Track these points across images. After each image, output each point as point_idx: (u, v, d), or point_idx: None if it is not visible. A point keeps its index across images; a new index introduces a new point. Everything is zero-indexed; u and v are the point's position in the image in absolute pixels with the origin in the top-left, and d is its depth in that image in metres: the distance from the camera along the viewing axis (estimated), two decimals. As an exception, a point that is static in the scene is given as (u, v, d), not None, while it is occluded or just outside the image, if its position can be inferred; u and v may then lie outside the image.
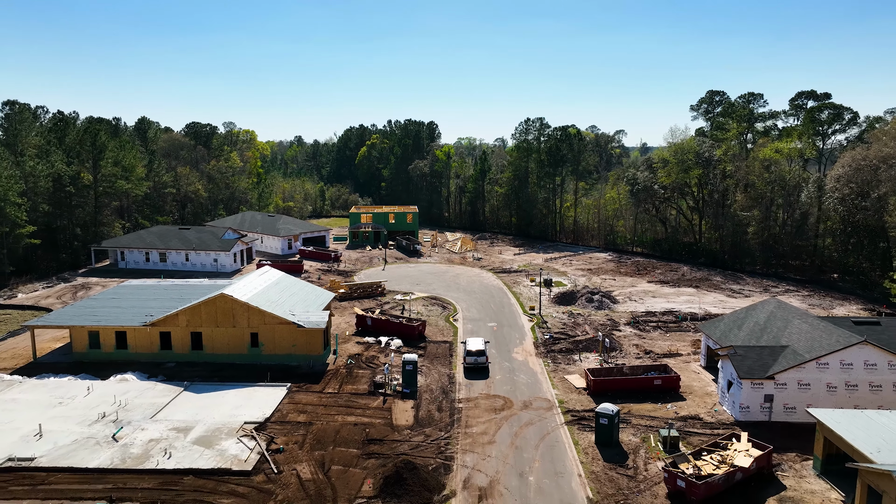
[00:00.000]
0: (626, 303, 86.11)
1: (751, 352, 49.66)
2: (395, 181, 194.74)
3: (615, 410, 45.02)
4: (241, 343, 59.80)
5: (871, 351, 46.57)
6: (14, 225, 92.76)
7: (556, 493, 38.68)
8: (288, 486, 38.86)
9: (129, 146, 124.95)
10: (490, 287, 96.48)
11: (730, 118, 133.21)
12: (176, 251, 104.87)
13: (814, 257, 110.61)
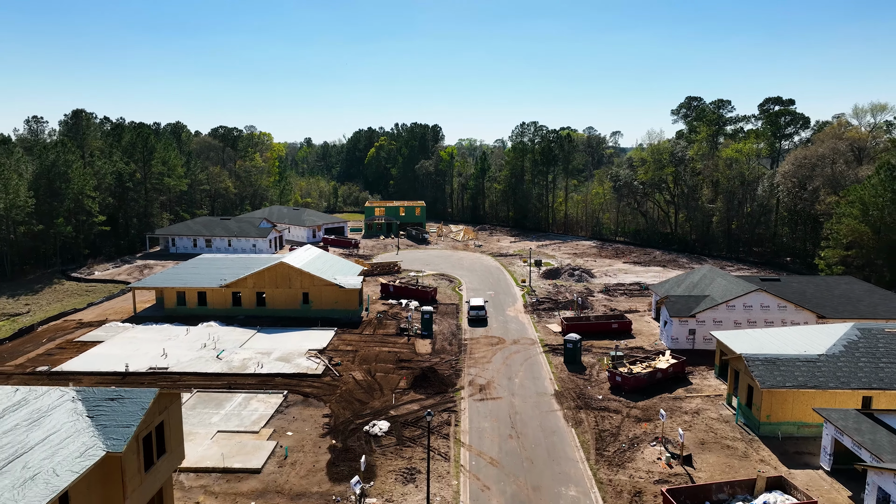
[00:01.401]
0: (601, 277, 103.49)
1: (681, 299, 67.01)
2: (402, 179, 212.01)
3: (578, 338, 62.37)
4: (295, 300, 77.12)
5: (765, 296, 63.84)
6: (89, 214, 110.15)
7: (533, 387, 55.98)
8: (347, 383, 56.15)
9: (171, 147, 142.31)
10: (489, 267, 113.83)
11: (701, 122, 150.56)
12: (219, 237, 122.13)
13: (771, 243, 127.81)
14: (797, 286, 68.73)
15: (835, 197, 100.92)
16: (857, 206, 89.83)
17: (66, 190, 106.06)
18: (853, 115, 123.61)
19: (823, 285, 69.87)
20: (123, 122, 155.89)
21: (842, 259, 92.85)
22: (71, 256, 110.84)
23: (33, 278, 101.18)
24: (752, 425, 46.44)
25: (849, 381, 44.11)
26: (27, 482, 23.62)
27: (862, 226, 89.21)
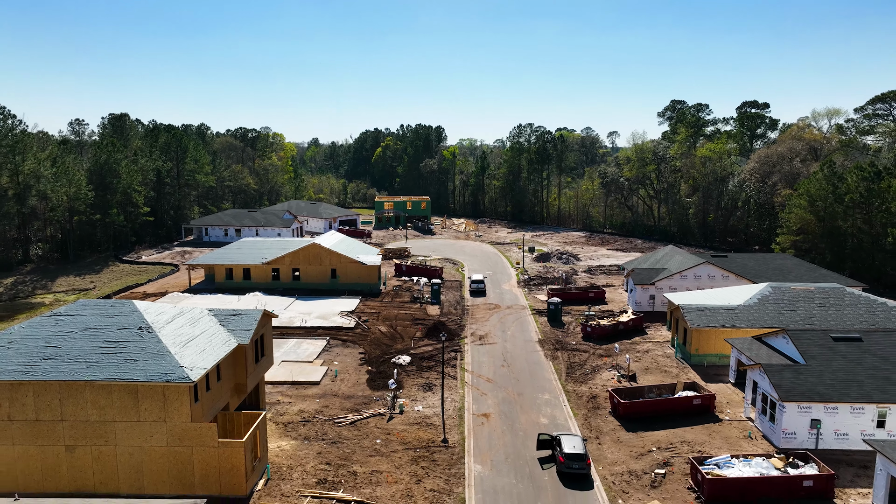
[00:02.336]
0: (586, 260, 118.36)
1: (644, 271, 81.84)
2: (407, 177, 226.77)
3: (559, 301, 77.24)
4: (325, 275, 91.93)
5: (712, 268, 78.60)
6: (135, 206, 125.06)
7: (521, 336, 70.83)
8: (374, 333, 70.98)
9: (200, 147, 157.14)
10: (488, 253, 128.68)
11: (681, 124, 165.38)
12: (248, 227, 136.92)
13: (743, 233, 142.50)
14: (741, 261, 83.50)
15: (789, 190, 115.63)
16: (805, 198, 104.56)
17: (116, 185, 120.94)
18: (812, 118, 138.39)
19: (762, 260, 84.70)
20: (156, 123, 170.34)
21: (793, 243, 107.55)
22: (120, 243, 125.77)
23: (91, 261, 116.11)
24: (686, 357, 61.23)
25: (755, 323, 58.81)
26: (202, 352, 38.51)
27: (808, 215, 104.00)
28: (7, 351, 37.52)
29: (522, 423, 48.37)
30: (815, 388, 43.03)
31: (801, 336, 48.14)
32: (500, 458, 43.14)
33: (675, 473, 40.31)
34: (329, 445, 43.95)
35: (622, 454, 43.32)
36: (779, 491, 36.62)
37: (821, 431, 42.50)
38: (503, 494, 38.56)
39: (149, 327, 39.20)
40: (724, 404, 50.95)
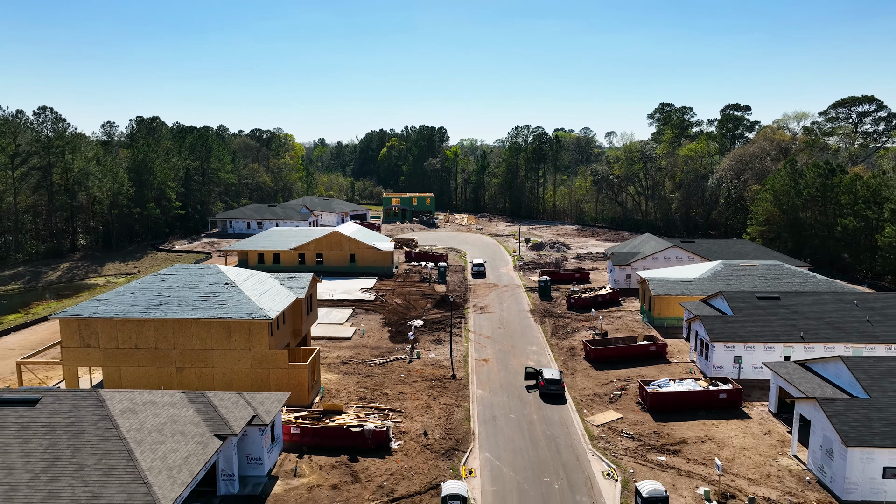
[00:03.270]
0: (576, 249, 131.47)
1: (622, 254, 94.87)
2: (412, 175, 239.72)
3: (549, 279, 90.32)
4: (344, 259, 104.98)
5: (679, 251, 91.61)
6: (169, 201, 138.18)
7: (516, 307, 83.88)
8: (391, 304, 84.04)
9: (222, 147, 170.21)
10: (488, 243, 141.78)
11: (666, 126, 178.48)
12: (268, 220, 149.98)
13: (723, 226, 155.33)
14: (706, 245, 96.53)
15: (758, 186, 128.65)
16: (771, 193, 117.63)
17: (151, 181, 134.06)
18: (784, 121, 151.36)
19: (724, 245, 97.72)
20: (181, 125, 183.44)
21: (760, 233, 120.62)
22: (155, 234, 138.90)
23: (131, 249, 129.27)
24: (650, 320, 74.27)
25: (706, 291, 71.70)
26: (273, 300, 51.64)
27: (773, 208, 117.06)
28: (131, 299, 50.67)
29: (514, 365, 61.42)
30: (738, 332, 56.07)
31: (734, 296, 61.22)
32: (496, 385, 56.23)
33: (629, 394, 53.32)
34: (364, 378, 57.04)
35: (590, 384, 56.40)
36: (701, 401, 49.60)
37: (741, 365, 55.52)
38: (498, 407, 51.61)
39: (232, 283, 52.34)
40: (675, 352, 63.99)
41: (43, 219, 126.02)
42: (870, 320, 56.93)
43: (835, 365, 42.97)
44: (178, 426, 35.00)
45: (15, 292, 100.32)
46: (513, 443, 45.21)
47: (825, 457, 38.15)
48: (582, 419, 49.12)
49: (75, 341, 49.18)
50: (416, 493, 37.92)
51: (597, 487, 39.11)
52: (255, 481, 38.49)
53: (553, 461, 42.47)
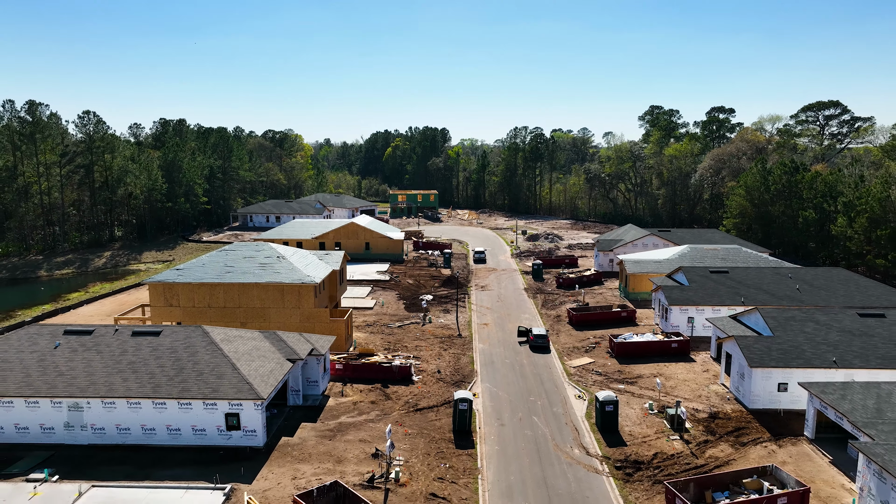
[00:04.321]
0: (567, 240, 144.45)
1: (606, 241, 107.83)
2: (416, 173, 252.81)
3: (541, 263, 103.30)
4: (360, 247, 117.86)
5: (656, 238, 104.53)
6: (196, 197, 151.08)
7: (512, 286, 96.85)
8: (404, 284, 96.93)
9: (241, 147, 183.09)
10: (488, 235, 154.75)
11: (654, 128, 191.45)
12: (286, 215, 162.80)
13: (706, 221, 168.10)
14: (680, 234, 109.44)
15: (733, 182, 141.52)
16: (743, 189, 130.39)
17: (181, 178, 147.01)
18: (759, 123, 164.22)
19: (696, 234, 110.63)
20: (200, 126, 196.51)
21: (734, 225, 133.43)
22: (184, 226, 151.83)
23: (164, 240, 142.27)
24: (626, 295, 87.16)
25: (669, 269, 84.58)
26: (316, 270, 64.58)
27: (745, 202, 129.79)
28: (203, 269, 63.61)
29: (509, 328, 74.32)
30: (691, 298, 68.96)
31: (690, 271, 74.15)
32: (495, 341, 69.17)
33: (601, 347, 66.18)
34: (387, 336, 69.96)
35: (571, 340, 69.33)
36: (657, 349, 62.45)
37: (693, 324, 68.37)
38: (496, 355, 64.52)
39: (283, 256, 65.31)
40: (643, 318, 76.87)
41: (84, 212, 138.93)
42: (799, 289, 69.81)
43: (754, 315, 55.83)
44: (260, 352, 47.90)
45: (70, 276, 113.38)
46: (507, 377, 58.13)
47: (739, 379, 51.06)
48: (562, 363, 62.06)
49: (161, 301, 62.14)
50: (433, 406, 50.81)
51: (569, 403, 52.04)
52: (314, 398, 51.39)
53: (537, 388, 55.38)
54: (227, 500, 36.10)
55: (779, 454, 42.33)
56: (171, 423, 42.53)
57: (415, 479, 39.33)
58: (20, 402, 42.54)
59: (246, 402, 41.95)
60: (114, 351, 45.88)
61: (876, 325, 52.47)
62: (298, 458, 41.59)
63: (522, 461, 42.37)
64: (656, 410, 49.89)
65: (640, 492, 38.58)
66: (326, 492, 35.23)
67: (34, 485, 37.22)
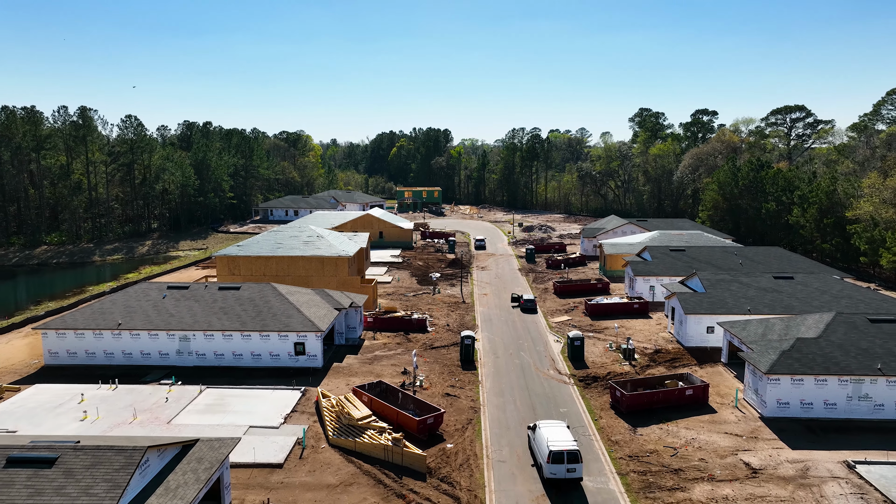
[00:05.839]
0: (560, 231, 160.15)
1: (590, 229, 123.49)
2: (420, 172, 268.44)
3: (533, 248, 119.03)
4: (374, 235, 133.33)
5: (634, 226, 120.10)
6: (223, 192, 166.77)
7: (508, 267, 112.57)
8: (415, 265, 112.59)
9: (260, 147, 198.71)
10: (487, 227, 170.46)
11: (641, 129, 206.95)
12: (303, 209, 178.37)
13: (688, 215, 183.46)
14: (655, 223, 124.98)
15: (709, 179, 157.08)
16: (716, 184, 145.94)
17: (209, 175, 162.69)
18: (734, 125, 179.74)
19: (670, 222, 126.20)
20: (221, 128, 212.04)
21: (708, 217, 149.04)
22: (213, 219, 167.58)
23: (196, 231, 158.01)
24: (604, 273, 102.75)
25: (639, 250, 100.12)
26: (348, 246, 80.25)
27: (718, 196, 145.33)
28: (258, 245, 79.32)
29: (505, 297, 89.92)
30: (652, 270, 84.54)
31: (654, 250, 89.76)
32: (493, 306, 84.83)
33: (578, 309, 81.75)
34: (404, 301, 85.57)
35: (554, 304, 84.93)
36: (621, 309, 77.99)
37: (654, 291, 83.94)
38: (493, 315, 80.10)
39: (321, 235, 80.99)
40: (616, 289, 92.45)
41: (126, 206, 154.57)
42: (741, 263, 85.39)
43: (694, 279, 71.41)
44: (315, 302, 63.51)
45: (120, 261, 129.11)
46: (501, 329, 73.78)
47: (679, 325, 66.65)
48: (546, 320, 77.71)
49: (225, 271, 77.82)
50: (445, 346, 66.43)
51: (549, 345, 67.69)
52: (353, 339, 67.02)
53: (525, 336, 71.04)
54: (302, 395, 51.70)
55: (699, 372, 57.95)
56: (254, 350, 58.19)
57: (434, 386, 55.00)
58: (144, 334, 58.22)
59: (309, 334, 57.60)
60: (207, 300, 61.56)
61: (785, 285, 68.11)
62: (348, 374, 57.29)
63: (511, 377, 58.03)
64: (615, 348, 65.48)
65: (594, 393, 54.23)
66: (374, 387, 50.94)
67: (167, 386, 52.83)
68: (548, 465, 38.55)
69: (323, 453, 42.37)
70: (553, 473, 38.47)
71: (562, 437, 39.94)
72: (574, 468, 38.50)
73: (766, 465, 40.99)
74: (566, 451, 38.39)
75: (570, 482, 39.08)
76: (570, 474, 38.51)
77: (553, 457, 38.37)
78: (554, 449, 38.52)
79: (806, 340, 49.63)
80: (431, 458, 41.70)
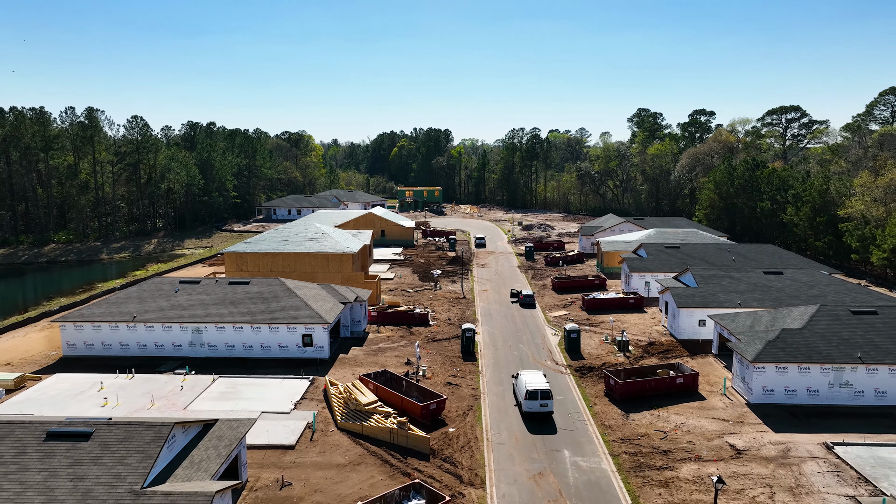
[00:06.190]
0: (559, 230, 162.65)
1: (588, 228, 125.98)
2: (421, 172, 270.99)
3: (533, 245, 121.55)
4: (377, 234, 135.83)
5: (630, 225, 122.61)
6: (227, 191, 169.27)
7: (507, 264, 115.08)
8: (417, 262, 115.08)
9: (263, 147, 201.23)
10: (487, 226, 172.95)
11: (640, 129, 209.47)
12: (305, 208, 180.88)
13: (685, 213, 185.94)
14: (651, 221, 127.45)
15: (705, 178, 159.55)
16: (713, 183, 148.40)
17: (213, 175, 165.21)
18: (731, 125, 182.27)
19: (666, 221, 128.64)
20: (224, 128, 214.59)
21: (705, 215, 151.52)
22: (217, 218, 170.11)
23: (201, 230, 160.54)
24: (601, 269, 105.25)
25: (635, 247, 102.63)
26: (352, 243, 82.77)
27: (714, 195, 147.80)
28: (265, 242, 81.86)
29: (504, 293, 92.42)
30: (647, 267, 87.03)
31: (649, 247, 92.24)
32: (492, 301, 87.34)
33: (575, 305, 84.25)
34: (407, 297, 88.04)
35: (553, 300, 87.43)
36: (617, 303, 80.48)
37: (650, 287, 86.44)
38: (493, 310, 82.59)
39: (326, 233, 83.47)
40: (612, 285, 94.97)
41: (132, 205, 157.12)
42: (734, 260, 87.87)
43: (687, 274, 73.91)
44: (321, 296, 66.00)
45: (127, 259, 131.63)
46: (501, 323, 76.27)
47: (672, 318, 69.15)
48: (544, 314, 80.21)
49: (234, 267, 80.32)
50: (446, 339, 68.92)
51: (547, 337, 70.20)
52: (358, 332, 69.52)
53: (524, 329, 73.54)
54: (311, 384, 54.20)
55: (690, 362, 60.45)
56: (264, 342, 60.69)
57: (436, 375, 57.50)
58: (158, 327, 60.74)
59: (317, 326, 60.11)
60: (218, 294, 64.08)
61: (774, 280, 70.61)
62: (354, 364, 59.81)
63: (510, 367, 60.49)
64: (610, 341, 67.96)
65: (589, 382, 56.74)
66: (379, 375, 53.46)
67: (181, 376, 55.33)
68: (525, 402, 47.84)
69: (332, 436, 44.87)
70: (529, 408, 47.81)
71: (537, 380, 49.32)
72: (546, 404, 47.70)
73: (749, 446, 43.50)
74: (539, 390, 47.73)
75: (544, 415, 48.29)
76: (543, 409, 47.79)
77: (529, 394, 47.72)
78: (530, 388, 47.83)
79: (790, 331, 52.12)
80: (434, 441, 44.19)
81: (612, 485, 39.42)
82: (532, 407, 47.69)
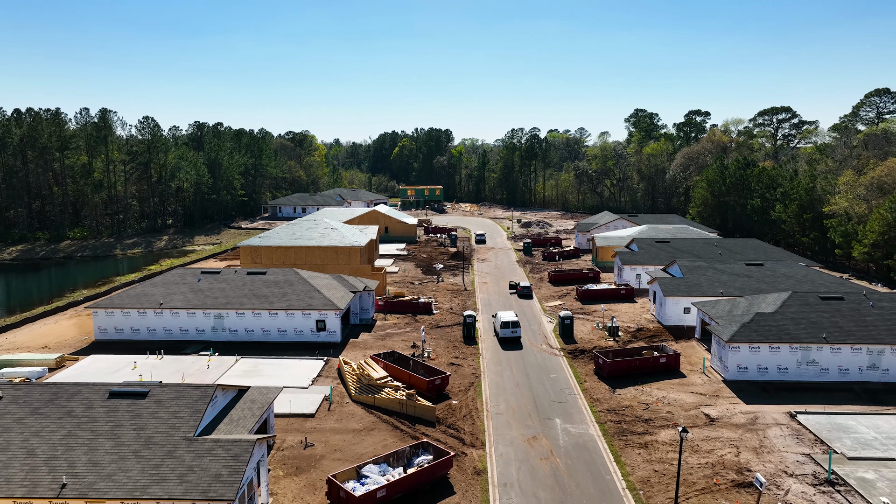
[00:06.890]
0: (557, 227, 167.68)
1: (584, 224, 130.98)
2: (422, 171, 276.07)
3: (531, 241, 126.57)
4: (381, 230, 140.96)
5: (625, 221, 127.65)
6: (235, 190, 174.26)
7: (506, 259, 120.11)
8: (420, 257, 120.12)
9: (268, 147, 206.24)
10: (487, 223, 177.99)
11: (636, 129, 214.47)
12: (310, 206, 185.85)
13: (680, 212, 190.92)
14: (645, 218, 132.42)
15: (698, 177, 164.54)
16: (705, 182, 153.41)
17: (221, 174, 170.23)
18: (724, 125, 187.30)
19: (659, 218, 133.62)
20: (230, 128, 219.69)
21: (698, 213, 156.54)
22: (224, 216, 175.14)
23: (210, 227, 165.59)
24: (596, 264, 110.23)
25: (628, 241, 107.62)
26: (360, 238, 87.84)
27: (707, 193, 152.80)
28: (278, 236, 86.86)
29: (503, 285, 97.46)
30: (638, 260, 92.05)
31: (641, 242, 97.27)
32: (492, 292, 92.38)
33: (570, 295, 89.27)
34: (411, 288, 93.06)
35: (549, 291, 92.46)
36: (610, 294, 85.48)
37: (640, 278, 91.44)
38: (493, 300, 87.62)
39: (335, 227, 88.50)
40: (605, 278, 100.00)
41: (143, 202, 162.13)
42: (721, 253, 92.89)
43: (674, 266, 78.91)
44: (333, 286, 71.01)
45: (139, 255, 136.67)
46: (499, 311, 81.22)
47: (659, 307, 74.17)
48: (540, 304, 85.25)
49: (248, 260, 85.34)
50: (449, 325, 73.95)
51: (543, 324, 75.24)
52: (366, 320, 74.56)
53: (521, 317, 78.51)
54: (325, 364, 59.24)
55: (675, 346, 65.46)
56: (281, 327, 65.71)
57: (440, 357, 62.55)
58: (183, 313, 65.76)
59: (329, 312, 65.15)
60: (237, 283, 69.11)
61: (755, 271, 75.65)
62: (364, 347, 64.86)
63: (509, 352, 65.58)
64: (601, 327, 72.99)
65: (580, 363, 61.78)
66: (388, 355, 58.50)
67: (206, 357, 60.36)
68: (500, 330, 67.38)
69: (347, 407, 49.92)
70: (504, 334, 67.24)
71: (509, 315, 69.02)
72: (515, 331, 67.25)
73: (722, 415, 48.55)
74: (511, 321, 67.72)
75: (514, 339, 67.78)
76: (514, 334, 67.34)
77: (503, 325, 67.46)
78: (503, 320, 67.88)
79: (764, 315, 57.15)
80: (439, 411, 49.23)
81: (597, 446, 44.47)
82: (506, 333, 67.12)
